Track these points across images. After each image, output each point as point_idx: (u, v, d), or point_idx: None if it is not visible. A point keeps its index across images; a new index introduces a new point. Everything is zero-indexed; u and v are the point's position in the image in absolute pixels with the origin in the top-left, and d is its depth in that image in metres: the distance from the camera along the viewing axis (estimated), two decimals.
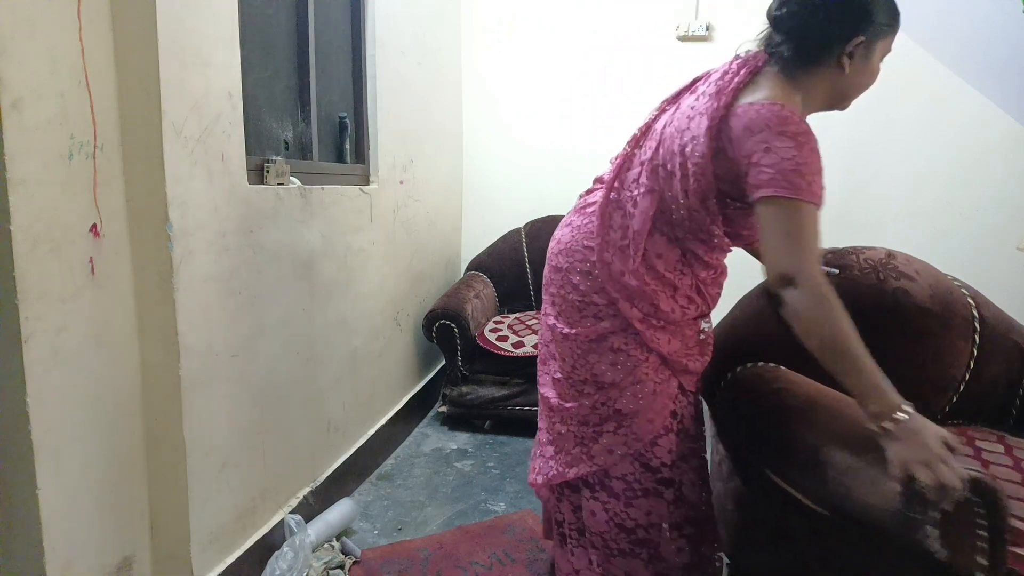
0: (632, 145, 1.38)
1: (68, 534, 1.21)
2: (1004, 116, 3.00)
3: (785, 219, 1.09)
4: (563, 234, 1.43)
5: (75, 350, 1.21)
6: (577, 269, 1.37)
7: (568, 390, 1.41)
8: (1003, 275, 3.07)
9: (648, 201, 1.28)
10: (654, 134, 1.32)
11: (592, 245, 1.34)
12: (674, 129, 1.26)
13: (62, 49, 1.15)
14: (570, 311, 1.38)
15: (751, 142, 1.11)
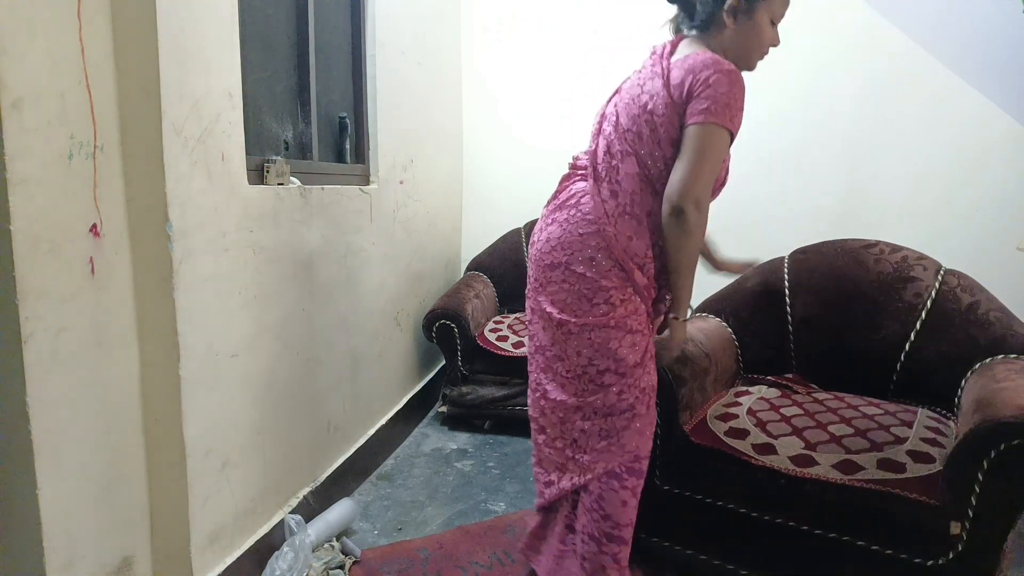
0: (595, 136, 1.49)
1: (68, 534, 1.21)
2: (1004, 116, 3.00)
3: (708, 141, 1.30)
4: (551, 232, 1.46)
5: (75, 350, 1.21)
6: (579, 259, 1.40)
7: (587, 385, 1.42)
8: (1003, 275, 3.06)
9: (629, 163, 1.39)
10: (610, 116, 1.46)
11: (591, 230, 1.39)
12: (629, 98, 1.41)
13: (62, 49, 1.15)
14: (579, 302, 1.40)
15: (692, 80, 1.31)
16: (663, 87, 1.34)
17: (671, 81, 1.34)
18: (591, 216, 1.40)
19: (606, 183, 1.41)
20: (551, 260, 1.44)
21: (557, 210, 1.47)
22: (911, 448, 1.53)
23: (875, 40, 3.06)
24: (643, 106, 1.37)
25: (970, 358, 1.75)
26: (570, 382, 1.44)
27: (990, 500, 1.30)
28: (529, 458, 2.50)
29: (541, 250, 1.46)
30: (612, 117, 1.44)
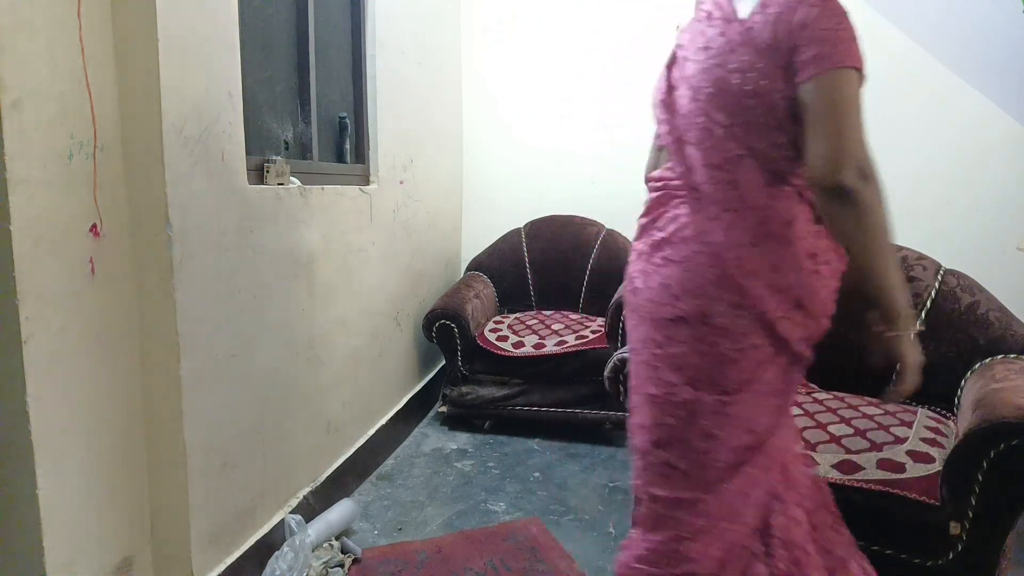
0: (675, 148, 1.16)
1: (68, 534, 1.21)
2: (1004, 116, 3.00)
3: (839, 92, 0.98)
4: (667, 274, 1.11)
5: (75, 350, 1.21)
6: (719, 309, 1.06)
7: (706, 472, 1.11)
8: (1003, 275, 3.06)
9: (748, 168, 1.06)
10: (689, 116, 1.12)
11: (726, 270, 1.05)
12: (710, 88, 1.07)
13: (62, 49, 1.15)
14: (719, 367, 1.07)
15: (786, 29, 1.00)
16: (753, 53, 1.03)
17: (759, 42, 1.02)
18: (725, 251, 1.06)
19: (724, 210, 1.07)
20: (673, 314, 1.08)
21: (665, 245, 1.12)
22: (911, 448, 1.53)
23: (875, 40, 3.04)
24: (737, 88, 1.04)
25: (970, 358, 1.75)
26: (681, 473, 1.11)
27: (990, 500, 1.30)
28: (529, 458, 2.51)
29: (658, 302, 1.10)
30: (697, 117, 1.11)
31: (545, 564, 1.81)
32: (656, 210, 1.18)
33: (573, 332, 2.75)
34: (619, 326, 2.58)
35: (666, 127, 1.19)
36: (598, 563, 1.84)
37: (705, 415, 1.08)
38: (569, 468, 2.44)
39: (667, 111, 1.19)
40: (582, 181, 3.45)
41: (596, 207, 3.40)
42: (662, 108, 1.22)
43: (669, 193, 1.17)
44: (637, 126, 3.35)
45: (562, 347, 2.63)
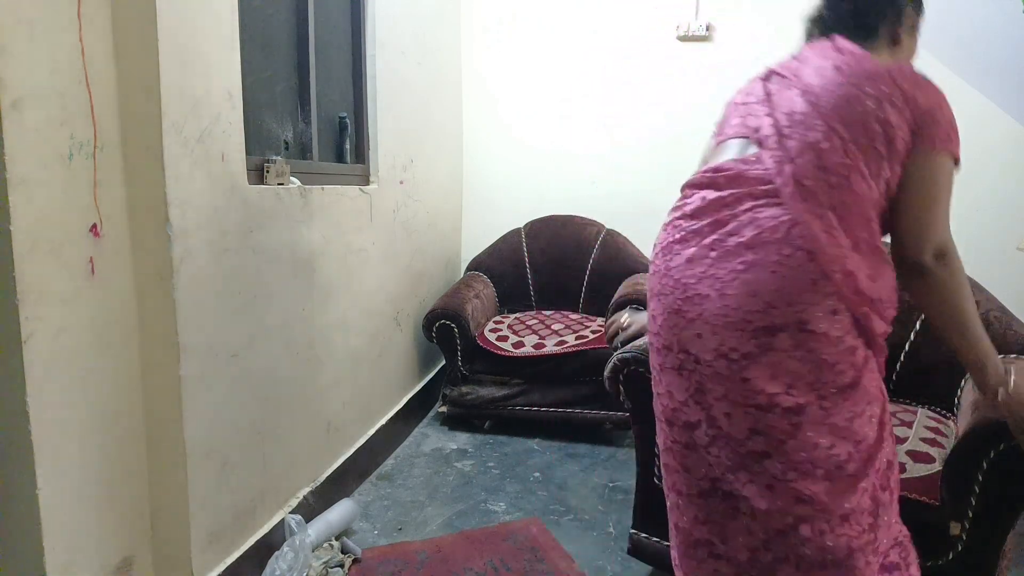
0: (773, 144, 1.11)
1: (68, 534, 1.21)
2: (1004, 116, 3.00)
3: (948, 176, 1.06)
4: (751, 279, 1.03)
5: (75, 350, 1.21)
6: (817, 314, 1.01)
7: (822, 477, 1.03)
8: (1003, 275, 3.06)
9: (857, 180, 1.04)
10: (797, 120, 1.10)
11: (824, 273, 1.01)
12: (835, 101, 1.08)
13: (62, 49, 1.15)
14: (820, 373, 1.03)
15: (923, 96, 1.06)
16: (893, 86, 1.05)
17: (906, 90, 1.05)
18: (822, 253, 1.01)
19: (828, 208, 1.03)
20: (768, 322, 1.01)
21: (744, 250, 1.04)
22: (911, 448, 1.53)
23: None
24: (870, 111, 1.04)
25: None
26: (791, 486, 1.03)
27: (990, 500, 1.29)
28: (529, 458, 2.51)
29: (746, 309, 1.02)
30: (814, 120, 1.07)
31: (545, 564, 1.81)
32: (718, 212, 1.10)
33: (573, 332, 2.75)
34: None
35: (762, 121, 1.15)
36: (598, 563, 1.84)
37: (813, 422, 1.02)
38: (569, 468, 2.44)
39: (767, 105, 1.17)
40: (582, 181, 3.45)
41: (596, 207, 3.40)
42: (758, 104, 1.20)
43: (745, 193, 1.09)
44: (637, 126, 3.36)
45: (562, 347, 2.63)
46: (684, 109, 3.29)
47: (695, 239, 1.11)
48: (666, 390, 1.15)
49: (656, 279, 1.16)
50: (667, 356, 1.13)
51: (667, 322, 1.12)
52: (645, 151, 3.37)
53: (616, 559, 1.86)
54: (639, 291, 2.61)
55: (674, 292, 1.10)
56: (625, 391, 1.66)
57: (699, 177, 1.19)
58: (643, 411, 1.60)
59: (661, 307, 1.13)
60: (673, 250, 1.14)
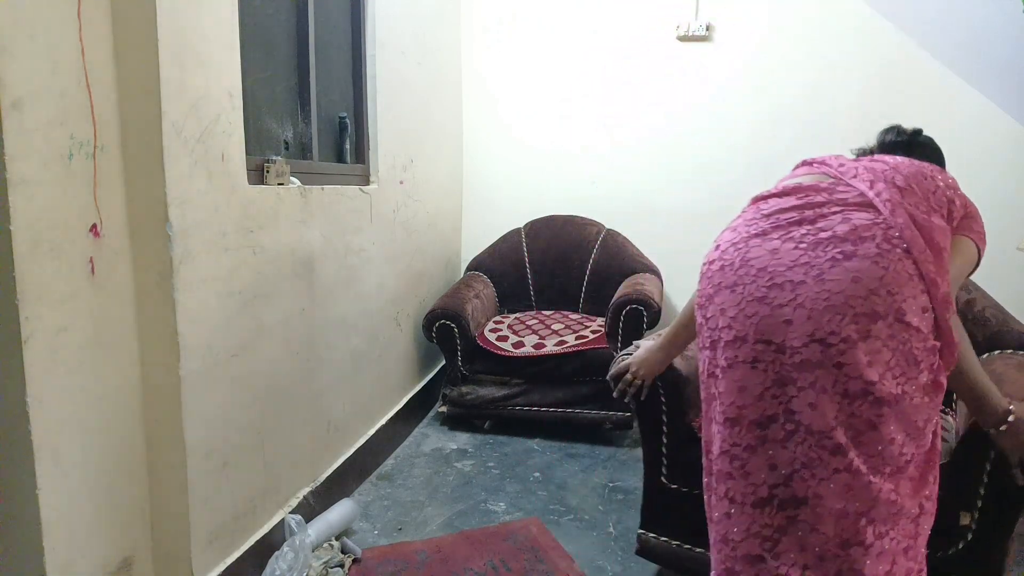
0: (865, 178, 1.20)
1: (68, 534, 1.21)
2: (1004, 116, 3.00)
3: (972, 261, 1.24)
4: (853, 267, 1.06)
5: (75, 350, 1.21)
6: (912, 307, 1.05)
7: (893, 475, 1.05)
8: (1003, 275, 3.06)
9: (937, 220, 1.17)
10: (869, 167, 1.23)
11: (917, 272, 1.07)
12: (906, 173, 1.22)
13: (62, 49, 1.15)
14: (908, 366, 1.06)
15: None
16: (955, 191, 1.26)
17: (958, 189, 1.29)
18: (918, 251, 1.06)
19: (916, 227, 1.10)
20: (870, 308, 1.03)
21: (842, 243, 1.08)
22: None
23: (875, 40, 3.06)
24: (940, 190, 1.22)
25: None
26: (870, 483, 1.04)
27: (997, 491, 1.32)
28: (529, 458, 2.51)
29: (848, 293, 1.04)
30: (894, 175, 1.18)
31: (545, 564, 1.81)
32: (802, 213, 1.16)
33: (573, 332, 2.75)
34: (618, 326, 2.58)
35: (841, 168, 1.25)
36: (598, 563, 1.84)
37: (897, 417, 1.05)
38: (569, 468, 2.44)
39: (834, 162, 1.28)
40: (582, 181, 3.45)
41: (596, 207, 3.40)
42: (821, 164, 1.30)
43: (833, 201, 1.16)
44: (637, 126, 3.36)
45: (562, 347, 2.63)
46: (684, 109, 3.29)
47: (778, 232, 1.13)
48: (734, 387, 1.12)
49: (727, 273, 1.15)
50: (740, 348, 1.11)
51: (743, 311, 1.11)
52: (645, 151, 3.37)
53: (616, 559, 1.86)
54: (639, 291, 2.61)
55: (756, 280, 1.10)
56: (634, 399, 1.66)
57: (775, 190, 1.25)
58: (648, 411, 1.63)
59: (735, 298, 1.12)
60: (751, 243, 1.15)
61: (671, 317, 3.55)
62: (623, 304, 2.58)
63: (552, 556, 1.85)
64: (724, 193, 3.30)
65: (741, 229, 1.20)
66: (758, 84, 3.20)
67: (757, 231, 1.16)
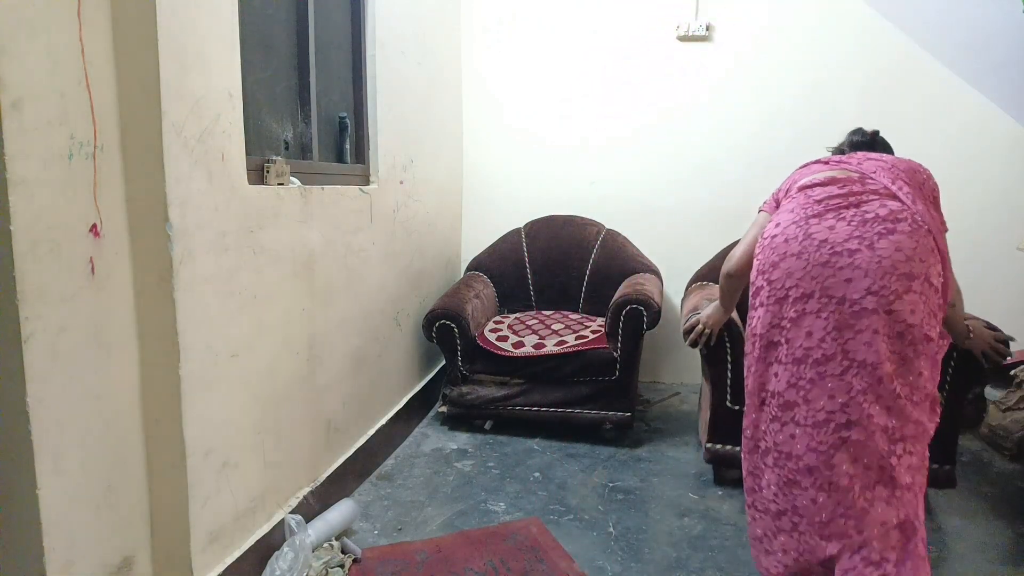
0: (887, 178, 1.52)
1: (68, 534, 1.21)
2: (1004, 116, 3.00)
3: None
4: (898, 241, 1.37)
5: (75, 350, 1.21)
6: (935, 272, 1.40)
7: (920, 403, 1.37)
8: (1003, 275, 3.07)
9: (935, 211, 1.54)
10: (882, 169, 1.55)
11: (934, 245, 1.41)
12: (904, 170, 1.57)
13: (62, 49, 1.15)
14: (930, 316, 1.38)
15: None
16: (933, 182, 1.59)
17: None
18: (931, 231, 1.40)
19: (929, 217, 1.44)
20: (909, 270, 1.35)
21: (885, 221, 1.40)
22: None
23: (875, 40, 3.06)
24: (925, 181, 1.55)
25: None
26: (906, 404, 1.35)
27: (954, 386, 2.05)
28: (529, 458, 2.51)
29: (894, 259, 1.35)
30: (896, 172, 1.53)
31: (545, 564, 1.81)
32: (846, 200, 1.47)
33: (573, 332, 2.75)
34: (619, 326, 2.58)
35: (857, 166, 1.58)
36: (598, 563, 1.84)
37: (925, 355, 1.37)
38: (569, 468, 2.44)
39: (852, 160, 1.62)
40: (582, 181, 3.45)
41: (596, 207, 3.40)
42: (836, 163, 1.63)
43: (869, 191, 1.48)
44: (637, 126, 3.36)
45: (562, 347, 2.63)
46: (684, 109, 3.30)
47: (831, 214, 1.45)
48: (801, 333, 1.41)
49: (791, 244, 1.46)
50: (808, 302, 1.41)
51: (808, 273, 1.41)
52: (645, 151, 3.37)
53: (616, 559, 1.86)
54: (639, 291, 2.61)
55: (820, 249, 1.41)
56: (704, 343, 2.17)
57: (818, 180, 1.56)
58: (716, 353, 2.19)
59: (802, 263, 1.42)
60: (810, 222, 1.46)
61: (671, 317, 3.57)
62: (623, 304, 2.58)
63: (552, 556, 1.85)
64: (724, 193, 3.31)
65: (798, 211, 1.50)
66: (758, 84, 3.20)
67: (813, 213, 1.47)
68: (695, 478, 2.38)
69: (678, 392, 3.35)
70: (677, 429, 2.86)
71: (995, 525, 2.08)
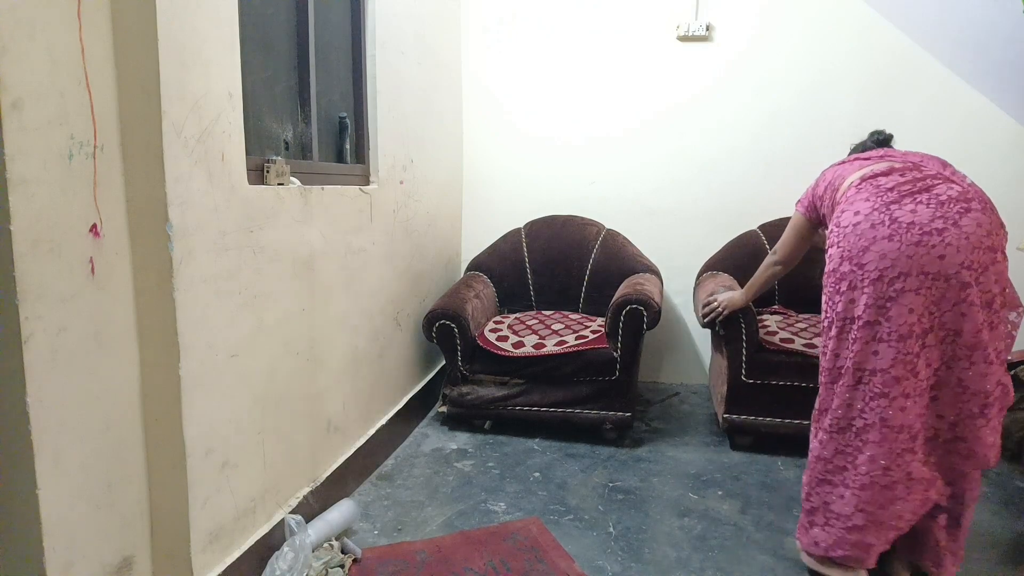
0: (932, 165, 1.68)
1: (68, 534, 1.21)
2: (1004, 116, 3.00)
3: None
4: (978, 219, 1.51)
5: (75, 350, 1.21)
6: (1004, 245, 1.55)
7: (1003, 364, 1.58)
8: None
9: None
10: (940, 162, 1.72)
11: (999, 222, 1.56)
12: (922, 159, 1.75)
13: (62, 49, 1.15)
14: (1004, 281, 1.56)
15: None
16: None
17: None
18: (995, 208, 1.57)
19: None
20: (991, 243, 1.51)
21: (959, 202, 1.53)
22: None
23: (875, 40, 3.06)
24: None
25: None
26: (997, 363, 1.55)
27: None
28: (529, 458, 2.51)
29: (978, 234, 1.50)
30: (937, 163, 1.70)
31: (545, 564, 1.81)
32: (914, 185, 1.59)
33: (573, 332, 2.75)
34: (619, 326, 2.58)
35: (904, 157, 1.73)
36: (598, 563, 1.84)
37: (1000, 322, 1.55)
38: (569, 468, 2.44)
39: (896, 153, 1.78)
40: (582, 181, 3.45)
41: (596, 207, 3.40)
42: (879, 158, 1.77)
43: (931, 176, 1.61)
44: (637, 126, 3.36)
45: (562, 347, 2.63)
46: (684, 109, 3.30)
47: (907, 199, 1.56)
48: (904, 310, 1.52)
49: (879, 228, 1.55)
50: (906, 281, 1.51)
51: (903, 253, 1.51)
52: (645, 151, 3.37)
53: (616, 559, 1.86)
54: (639, 291, 2.61)
55: (909, 231, 1.51)
56: (721, 324, 2.50)
57: (880, 170, 1.68)
58: (732, 331, 2.50)
59: (895, 245, 1.52)
60: (891, 207, 1.56)
61: (671, 317, 3.56)
62: (623, 304, 2.58)
63: (552, 556, 1.85)
64: (724, 193, 3.31)
65: (874, 199, 1.60)
66: (758, 84, 3.20)
67: (891, 199, 1.57)
68: (695, 478, 2.38)
69: (678, 392, 3.35)
70: (677, 429, 2.86)
71: (995, 525, 2.08)
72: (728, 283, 2.79)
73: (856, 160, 1.81)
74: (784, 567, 1.83)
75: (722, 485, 2.32)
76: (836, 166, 1.86)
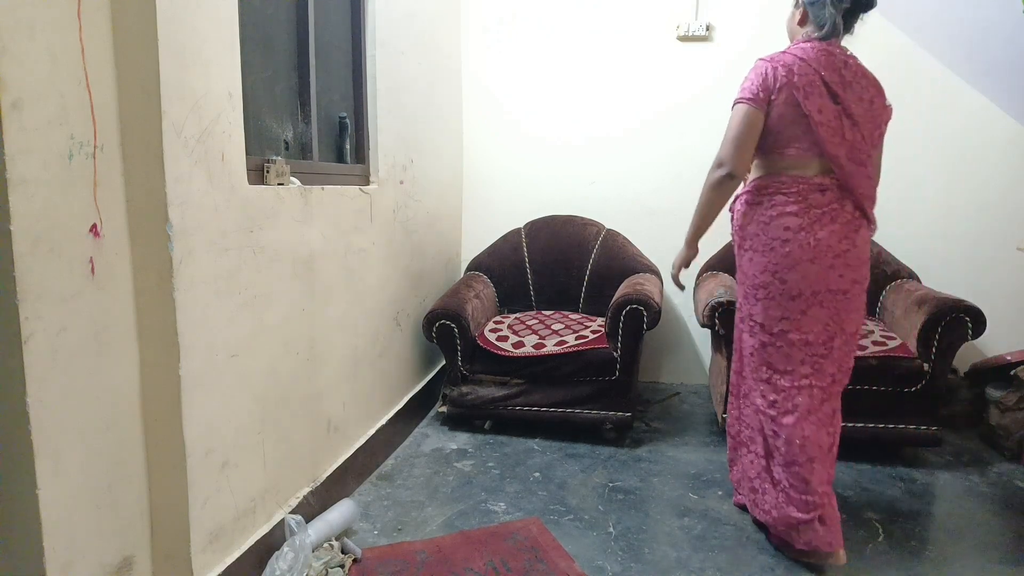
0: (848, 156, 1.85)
1: (68, 534, 1.21)
2: (1004, 116, 3.00)
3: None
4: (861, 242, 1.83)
5: (75, 350, 1.21)
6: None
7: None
8: (1003, 275, 3.07)
9: None
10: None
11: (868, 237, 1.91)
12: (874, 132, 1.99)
13: (62, 49, 1.15)
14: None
15: None
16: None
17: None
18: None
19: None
20: (868, 247, 1.89)
21: (854, 215, 1.83)
22: (878, 338, 2.58)
23: (875, 40, 3.05)
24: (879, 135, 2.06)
25: (884, 283, 2.88)
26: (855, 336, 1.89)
27: (942, 346, 2.41)
28: (529, 458, 2.51)
29: (866, 249, 1.85)
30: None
31: (545, 564, 1.81)
32: (835, 204, 1.79)
33: (573, 332, 2.75)
34: (619, 326, 2.58)
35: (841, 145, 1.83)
36: (598, 563, 1.84)
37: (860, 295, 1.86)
38: (569, 468, 2.44)
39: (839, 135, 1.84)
40: (582, 181, 3.45)
41: (596, 207, 3.40)
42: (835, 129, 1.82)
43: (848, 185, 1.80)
44: (637, 126, 3.36)
45: (562, 347, 2.63)
46: (684, 109, 3.30)
47: (826, 219, 1.79)
48: (811, 320, 1.80)
49: (805, 251, 1.77)
50: (815, 296, 1.78)
51: (819, 276, 1.78)
52: (645, 151, 3.37)
53: (616, 559, 1.86)
54: (639, 291, 2.61)
55: (826, 255, 1.77)
56: (720, 323, 2.52)
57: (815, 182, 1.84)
58: (730, 333, 2.38)
59: (813, 268, 1.78)
60: (814, 228, 1.79)
61: (671, 317, 3.56)
62: (623, 304, 2.58)
63: (552, 556, 1.85)
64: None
65: (803, 216, 1.82)
66: None
67: (815, 218, 1.83)
68: (695, 478, 2.38)
69: (678, 392, 3.35)
70: (677, 429, 2.86)
71: (995, 525, 2.08)
72: (728, 283, 2.77)
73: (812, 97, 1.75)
74: (784, 567, 1.83)
75: (722, 485, 2.32)
76: (797, 60, 1.76)
